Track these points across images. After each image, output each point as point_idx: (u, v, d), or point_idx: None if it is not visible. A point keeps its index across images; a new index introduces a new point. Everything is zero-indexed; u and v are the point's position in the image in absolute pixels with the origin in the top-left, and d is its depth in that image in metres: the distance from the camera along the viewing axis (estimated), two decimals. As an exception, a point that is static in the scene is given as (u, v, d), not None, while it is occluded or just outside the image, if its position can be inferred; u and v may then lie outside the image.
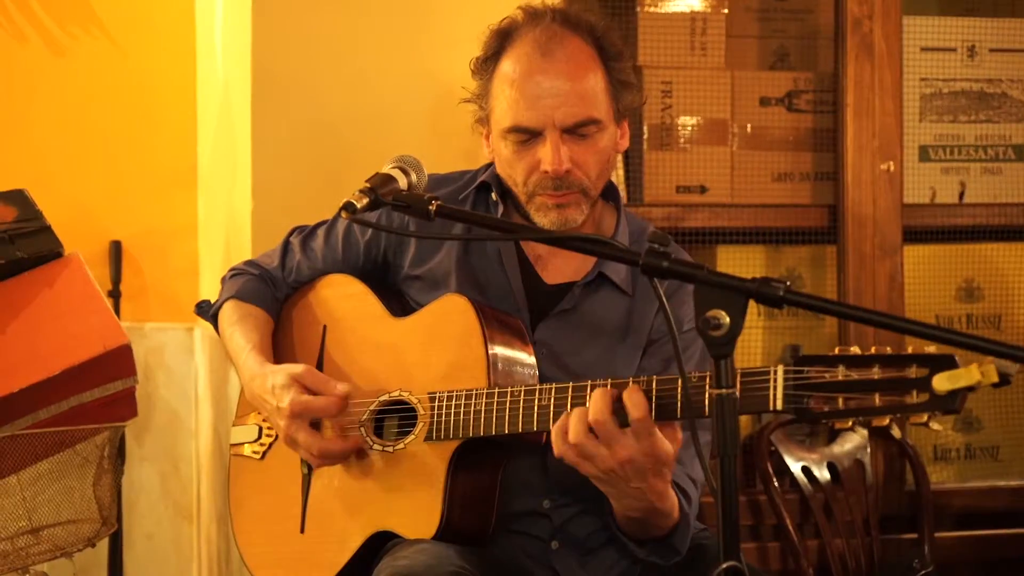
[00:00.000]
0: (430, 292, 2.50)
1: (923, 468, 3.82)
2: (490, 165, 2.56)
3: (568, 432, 2.15)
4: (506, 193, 2.52)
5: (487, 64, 2.48)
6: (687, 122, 3.91)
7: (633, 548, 2.34)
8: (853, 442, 3.80)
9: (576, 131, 2.40)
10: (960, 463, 4.12)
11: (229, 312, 2.62)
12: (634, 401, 2.11)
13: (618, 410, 2.13)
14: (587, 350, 2.46)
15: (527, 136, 2.41)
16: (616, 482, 2.18)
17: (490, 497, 2.35)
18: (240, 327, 2.57)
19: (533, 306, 2.48)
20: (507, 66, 2.43)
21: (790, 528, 3.65)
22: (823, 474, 3.74)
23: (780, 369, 1.95)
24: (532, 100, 2.39)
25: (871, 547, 3.73)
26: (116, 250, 3.48)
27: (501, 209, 2.52)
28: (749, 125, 3.95)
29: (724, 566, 1.76)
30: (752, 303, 1.83)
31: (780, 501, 3.67)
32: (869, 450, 3.80)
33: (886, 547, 3.77)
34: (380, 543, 2.40)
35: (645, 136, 3.88)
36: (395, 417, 2.43)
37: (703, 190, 3.92)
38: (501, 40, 2.46)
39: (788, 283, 1.83)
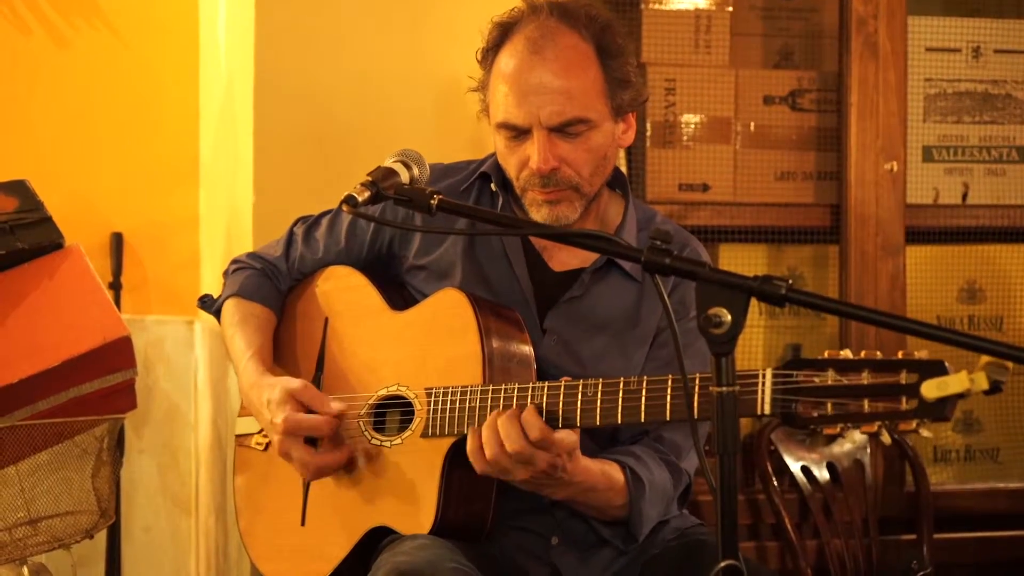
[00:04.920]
0: (436, 282, 2.49)
1: (923, 469, 3.82)
2: (494, 154, 2.55)
3: (485, 452, 2.21)
4: (506, 183, 2.51)
5: (488, 56, 2.47)
6: (690, 120, 3.90)
7: (597, 525, 2.41)
8: (853, 442, 3.80)
9: (564, 130, 2.38)
10: (960, 465, 4.11)
11: (231, 311, 2.61)
12: (532, 424, 2.17)
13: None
14: (597, 338, 2.45)
15: (516, 132, 2.40)
16: (538, 481, 2.25)
17: (487, 494, 2.34)
18: (241, 329, 2.57)
19: (540, 294, 2.47)
20: (502, 60, 2.42)
21: (789, 528, 3.65)
22: (823, 474, 3.73)
23: (768, 373, 1.93)
24: (520, 97, 2.37)
25: (870, 548, 3.73)
26: (117, 242, 3.47)
27: (501, 199, 2.52)
28: (752, 123, 3.95)
29: (723, 564, 1.75)
30: (754, 301, 1.82)
31: (779, 501, 3.66)
32: (869, 451, 3.79)
33: (885, 548, 3.76)
34: (379, 537, 2.40)
35: (648, 133, 3.87)
36: (396, 411, 2.42)
37: (705, 188, 3.91)
38: (501, 33, 2.45)
39: (790, 282, 1.82)
